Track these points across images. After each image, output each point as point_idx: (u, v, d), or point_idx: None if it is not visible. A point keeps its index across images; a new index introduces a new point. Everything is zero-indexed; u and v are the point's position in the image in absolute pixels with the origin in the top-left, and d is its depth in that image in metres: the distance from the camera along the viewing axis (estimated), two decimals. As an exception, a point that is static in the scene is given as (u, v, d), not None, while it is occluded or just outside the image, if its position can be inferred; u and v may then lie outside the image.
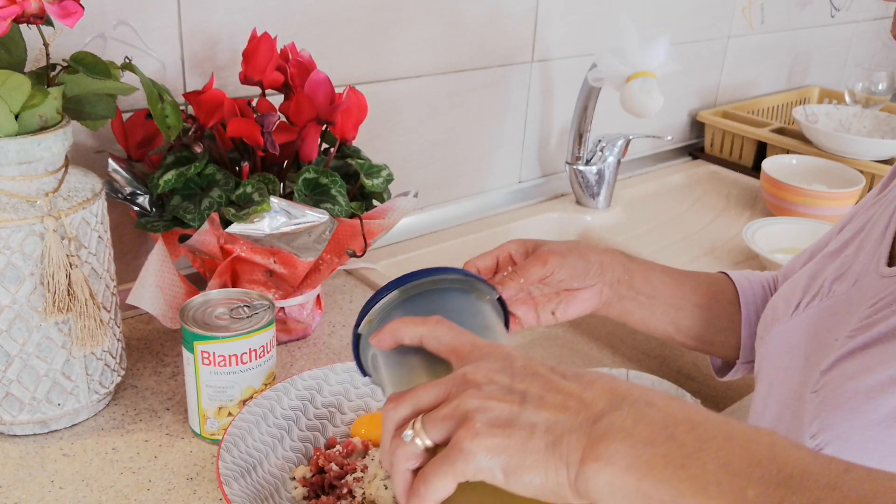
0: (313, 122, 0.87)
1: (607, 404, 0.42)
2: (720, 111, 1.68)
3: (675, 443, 0.40)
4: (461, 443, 0.42)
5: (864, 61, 2.03)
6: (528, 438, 0.42)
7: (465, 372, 0.45)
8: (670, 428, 0.40)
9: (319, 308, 0.97)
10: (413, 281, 0.54)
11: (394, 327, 0.51)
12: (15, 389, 0.73)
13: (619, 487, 0.40)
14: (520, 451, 0.42)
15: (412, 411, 0.46)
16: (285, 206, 0.81)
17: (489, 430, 0.42)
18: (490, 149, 1.32)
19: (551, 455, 0.41)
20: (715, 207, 1.45)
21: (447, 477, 0.42)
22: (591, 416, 0.42)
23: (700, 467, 0.38)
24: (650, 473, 0.39)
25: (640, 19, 1.45)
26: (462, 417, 0.43)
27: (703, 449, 0.39)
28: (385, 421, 0.47)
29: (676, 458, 0.39)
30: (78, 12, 0.65)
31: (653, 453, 0.39)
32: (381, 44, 1.11)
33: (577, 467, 0.41)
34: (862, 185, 1.34)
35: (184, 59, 0.94)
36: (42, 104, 0.68)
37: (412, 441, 0.44)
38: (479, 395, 0.44)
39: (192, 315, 0.74)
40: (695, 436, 0.40)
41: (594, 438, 0.41)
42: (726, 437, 0.40)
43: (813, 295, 0.66)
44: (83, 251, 0.72)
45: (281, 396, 0.74)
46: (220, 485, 0.62)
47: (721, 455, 0.39)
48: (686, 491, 0.38)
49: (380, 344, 0.52)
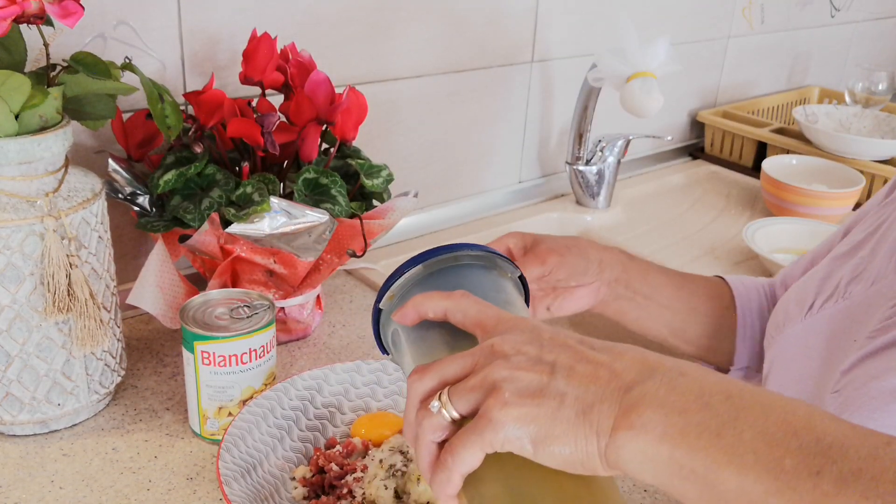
0: (313, 122, 0.87)
1: (639, 374, 0.41)
2: (720, 111, 1.67)
3: (710, 412, 0.38)
4: (490, 412, 0.41)
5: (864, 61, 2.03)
6: (558, 408, 0.41)
7: (493, 343, 0.44)
8: (705, 397, 0.39)
9: (319, 308, 0.97)
10: (435, 257, 0.53)
11: (417, 302, 0.50)
12: (15, 389, 0.73)
13: (652, 457, 0.39)
14: (549, 420, 0.41)
15: (438, 383, 0.45)
16: (285, 206, 0.81)
17: (518, 399, 0.41)
18: (490, 149, 1.32)
19: (581, 424, 0.40)
20: (715, 207, 1.45)
21: (475, 448, 0.42)
22: (622, 386, 0.41)
23: (736, 436, 0.37)
24: (684, 442, 0.38)
25: (640, 19, 1.45)
26: (490, 387, 0.42)
27: (740, 418, 0.38)
28: (410, 392, 0.46)
29: (711, 426, 0.38)
30: (78, 12, 0.65)
31: (687, 422, 0.38)
32: (381, 44, 1.11)
33: (607, 436, 0.40)
34: (862, 185, 1.34)
35: (184, 59, 0.94)
36: (42, 104, 0.68)
37: (439, 412, 0.44)
38: (508, 365, 0.43)
39: (192, 315, 0.74)
40: (730, 405, 0.39)
41: (626, 407, 0.40)
42: (763, 407, 0.38)
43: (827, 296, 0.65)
44: (83, 251, 0.72)
45: (281, 396, 0.74)
46: (220, 485, 0.62)
47: (758, 424, 0.37)
48: (721, 460, 0.37)
49: (402, 319, 0.50)
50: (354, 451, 0.72)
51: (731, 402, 0.39)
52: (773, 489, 0.36)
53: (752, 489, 0.36)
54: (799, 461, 0.36)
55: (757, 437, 0.37)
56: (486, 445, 0.42)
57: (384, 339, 0.56)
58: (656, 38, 1.18)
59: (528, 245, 0.72)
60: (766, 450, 0.36)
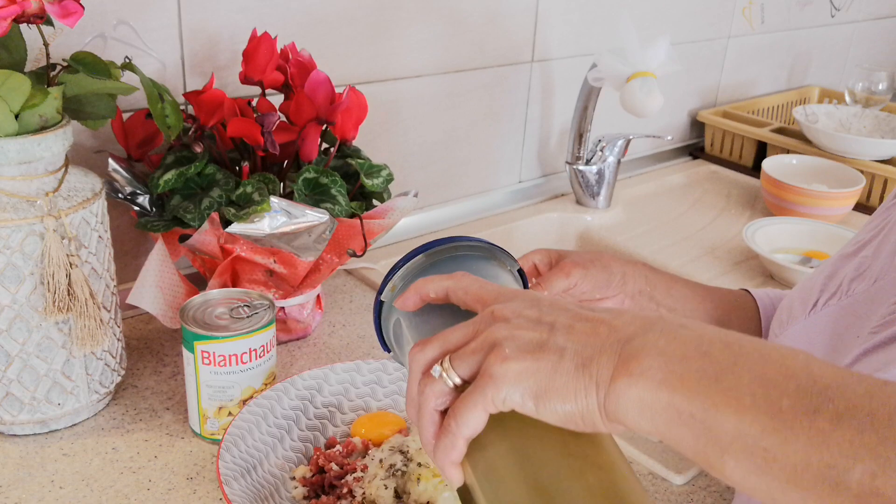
0: (313, 121, 0.87)
1: (639, 328, 0.42)
2: (720, 111, 1.68)
3: (709, 359, 0.39)
4: (490, 368, 0.42)
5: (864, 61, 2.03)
6: (558, 361, 0.41)
7: (493, 309, 0.45)
8: (704, 346, 0.40)
9: (319, 308, 0.97)
10: (436, 247, 0.54)
11: (418, 285, 0.50)
12: (15, 389, 0.73)
13: (650, 404, 0.39)
14: (550, 373, 0.41)
15: (440, 352, 0.45)
16: (285, 205, 0.81)
17: (519, 354, 0.42)
18: (490, 149, 1.32)
19: (581, 376, 0.41)
20: (715, 207, 1.45)
21: (478, 407, 0.42)
22: (621, 339, 0.41)
23: (734, 380, 0.38)
24: (683, 387, 0.38)
25: (640, 19, 1.45)
26: (491, 346, 0.43)
27: (738, 363, 0.38)
28: (412, 365, 0.46)
29: (710, 372, 0.38)
30: (78, 12, 0.65)
31: (686, 368, 0.39)
32: (381, 44, 1.11)
33: (607, 386, 0.40)
34: (862, 185, 1.34)
35: (184, 59, 0.94)
36: (42, 104, 0.68)
37: (440, 377, 0.44)
38: (508, 326, 0.43)
39: (192, 315, 0.74)
40: (729, 353, 0.39)
41: (625, 357, 0.40)
42: (761, 354, 0.39)
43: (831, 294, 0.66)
44: (83, 251, 0.72)
45: (281, 396, 0.74)
46: (220, 484, 0.62)
47: (756, 369, 0.38)
48: (719, 402, 0.37)
49: (404, 304, 0.51)
50: (354, 451, 0.72)
51: (730, 349, 0.39)
52: (770, 428, 0.36)
53: (749, 430, 0.36)
54: (796, 401, 0.36)
55: (755, 380, 0.37)
56: (488, 404, 0.42)
57: (386, 334, 0.56)
58: (656, 38, 1.18)
59: (552, 260, 0.73)
60: (764, 392, 0.37)
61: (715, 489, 0.76)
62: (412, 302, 0.51)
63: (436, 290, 0.50)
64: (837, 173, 1.40)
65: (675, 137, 1.68)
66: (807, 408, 0.36)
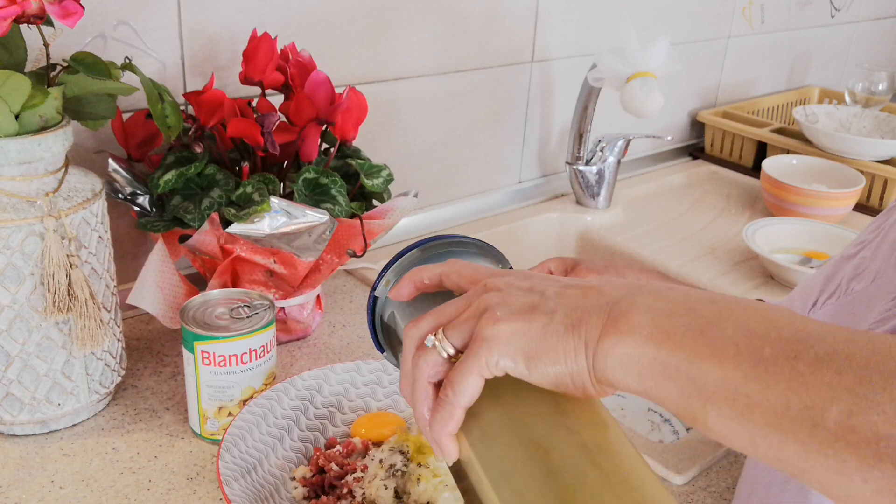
0: (313, 122, 0.87)
1: (627, 291, 0.43)
2: (720, 111, 1.68)
3: (695, 314, 0.40)
4: (483, 331, 0.43)
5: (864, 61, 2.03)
6: (549, 322, 0.42)
7: (486, 283, 0.46)
8: (691, 302, 0.41)
9: (319, 308, 0.97)
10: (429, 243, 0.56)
11: (412, 274, 0.51)
12: (15, 389, 0.73)
13: (637, 359, 0.40)
14: (540, 334, 0.42)
15: (434, 325, 0.46)
16: (285, 206, 0.81)
17: (510, 316, 0.42)
18: (490, 149, 1.32)
19: (570, 336, 0.42)
20: (715, 207, 1.45)
21: (472, 373, 0.43)
22: (610, 301, 0.42)
23: (718, 332, 0.39)
24: (668, 341, 0.39)
25: (640, 19, 1.45)
26: (482, 311, 0.44)
27: (723, 317, 0.39)
28: (406, 342, 0.47)
29: (695, 326, 0.39)
30: (78, 12, 0.65)
31: (673, 323, 0.40)
32: (381, 44, 1.11)
33: (595, 345, 0.41)
34: (862, 185, 1.34)
35: (184, 59, 0.94)
36: (42, 104, 0.68)
37: (433, 347, 0.45)
38: (500, 294, 0.44)
39: (192, 315, 0.74)
40: (715, 308, 0.40)
41: (614, 316, 0.41)
42: (745, 309, 0.40)
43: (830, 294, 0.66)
44: (83, 251, 0.72)
45: (281, 396, 0.74)
46: (220, 485, 0.62)
47: (740, 322, 0.39)
48: (704, 353, 0.38)
49: (399, 293, 0.52)
50: (354, 451, 0.72)
51: (716, 305, 0.40)
52: (752, 375, 0.37)
53: (731, 377, 0.37)
54: (777, 349, 0.37)
55: (738, 331, 0.38)
56: (482, 368, 0.42)
57: (380, 332, 0.57)
58: (656, 38, 1.18)
59: (568, 267, 0.74)
60: (747, 341, 0.38)
61: (715, 489, 0.76)
62: (406, 291, 0.51)
63: (429, 276, 0.50)
64: (837, 173, 1.40)
65: (675, 138, 1.68)
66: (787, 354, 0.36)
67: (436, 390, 0.45)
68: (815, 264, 1.18)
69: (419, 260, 0.55)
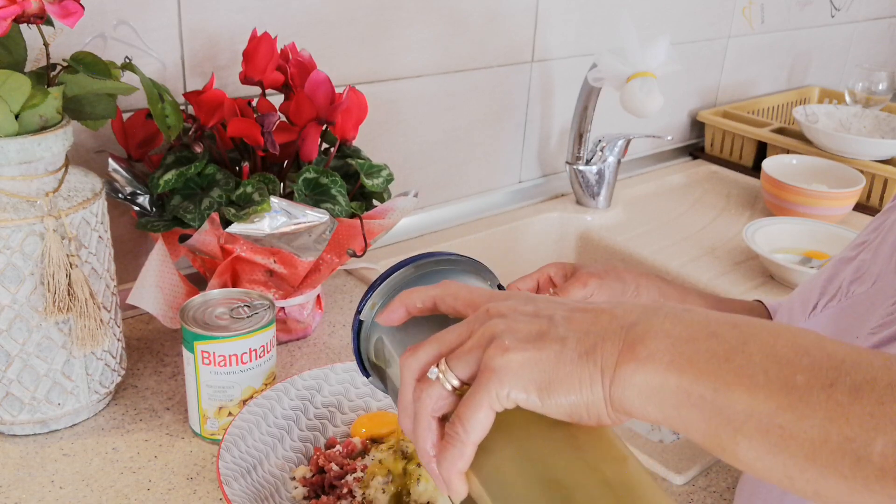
0: (313, 122, 0.87)
1: (641, 314, 0.40)
2: (720, 111, 1.68)
3: (717, 339, 0.38)
4: (491, 362, 0.40)
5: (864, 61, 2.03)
6: (561, 350, 0.40)
7: (488, 307, 0.43)
8: (712, 326, 0.38)
9: (319, 308, 0.97)
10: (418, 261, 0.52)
11: (403, 297, 0.47)
12: (15, 389, 0.73)
13: (658, 388, 0.38)
14: (553, 363, 0.39)
15: (435, 354, 0.43)
16: (285, 206, 0.81)
17: (520, 344, 0.40)
18: (490, 149, 1.32)
19: (586, 363, 0.39)
20: (715, 207, 1.45)
21: (483, 407, 0.40)
22: (625, 324, 0.40)
23: (745, 358, 0.36)
24: (692, 368, 0.37)
25: (640, 19, 1.45)
26: (489, 340, 0.41)
27: (749, 342, 0.37)
28: (404, 372, 0.43)
29: (720, 352, 0.37)
30: (78, 12, 0.65)
31: (695, 349, 0.37)
32: (381, 44, 1.11)
33: (612, 372, 0.39)
34: (862, 185, 1.34)
35: (184, 59, 0.94)
36: (42, 104, 0.68)
37: (437, 380, 0.42)
38: (505, 320, 0.41)
39: (192, 315, 0.74)
40: (738, 332, 0.38)
41: (631, 341, 0.39)
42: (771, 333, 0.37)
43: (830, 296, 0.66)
44: (83, 251, 0.72)
45: (281, 396, 0.74)
46: (220, 485, 0.62)
47: (767, 347, 0.37)
48: (731, 381, 0.36)
49: (389, 318, 0.48)
50: (354, 451, 0.72)
51: (739, 329, 0.38)
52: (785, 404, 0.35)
53: (763, 407, 0.35)
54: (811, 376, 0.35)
55: (767, 358, 0.36)
56: (493, 401, 0.40)
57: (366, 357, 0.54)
58: (656, 38, 1.18)
59: (568, 272, 0.74)
60: (777, 368, 0.36)
61: (715, 489, 0.76)
62: (397, 316, 0.48)
63: (422, 299, 0.47)
64: (837, 173, 1.40)
65: (675, 137, 1.68)
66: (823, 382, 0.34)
67: (440, 424, 0.42)
68: (815, 264, 1.18)
69: (406, 281, 0.52)
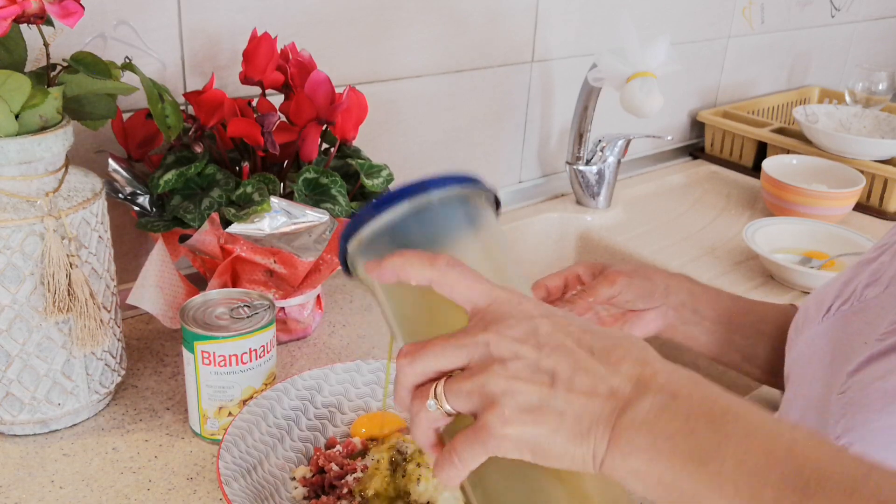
0: (313, 122, 0.87)
1: (633, 391, 0.43)
2: (720, 111, 1.67)
3: (694, 439, 0.41)
4: (491, 427, 0.43)
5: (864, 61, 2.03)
6: (558, 428, 0.43)
7: (489, 342, 0.45)
8: (691, 422, 0.42)
9: (319, 308, 0.97)
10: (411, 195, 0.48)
11: (398, 264, 0.47)
12: (15, 389, 0.73)
13: (643, 476, 0.42)
14: (549, 437, 0.43)
15: (431, 372, 0.46)
16: (285, 206, 0.81)
17: (519, 416, 0.43)
18: (490, 149, 1.32)
19: (579, 445, 0.43)
20: (715, 207, 1.45)
21: (478, 454, 0.44)
22: (617, 407, 0.43)
23: (718, 465, 0.40)
24: (670, 466, 0.41)
25: (640, 19, 1.45)
26: (489, 400, 0.44)
27: (722, 446, 0.40)
28: (399, 375, 0.46)
29: (695, 454, 0.41)
30: (78, 12, 0.65)
31: (672, 448, 0.41)
32: (381, 44, 1.11)
33: (603, 454, 0.43)
34: (862, 185, 1.34)
35: (184, 59, 0.94)
36: (42, 104, 0.68)
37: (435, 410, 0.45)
38: (506, 374, 0.44)
39: (192, 315, 0.74)
40: (714, 433, 0.41)
41: (619, 430, 0.42)
42: (745, 435, 0.41)
43: (844, 300, 0.66)
44: (83, 251, 0.72)
45: (281, 396, 0.74)
46: (220, 485, 0.62)
47: (738, 454, 0.40)
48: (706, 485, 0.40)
49: (379, 276, 0.48)
50: (354, 451, 0.72)
51: (715, 427, 0.41)
52: None
53: None
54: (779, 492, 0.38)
55: (737, 467, 0.40)
56: (489, 452, 0.44)
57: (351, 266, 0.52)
58: (656, 38, 1.18)
59: (596, 271, 0.74)
60: (746, 481, 0.39)
61: None
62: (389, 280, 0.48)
63: (417, 277, 0.47)
64: (837, 173, 1.40)
65: (675, 137, 1.68)
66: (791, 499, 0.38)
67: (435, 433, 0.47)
68: (815, 264, 1.18)
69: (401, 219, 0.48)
